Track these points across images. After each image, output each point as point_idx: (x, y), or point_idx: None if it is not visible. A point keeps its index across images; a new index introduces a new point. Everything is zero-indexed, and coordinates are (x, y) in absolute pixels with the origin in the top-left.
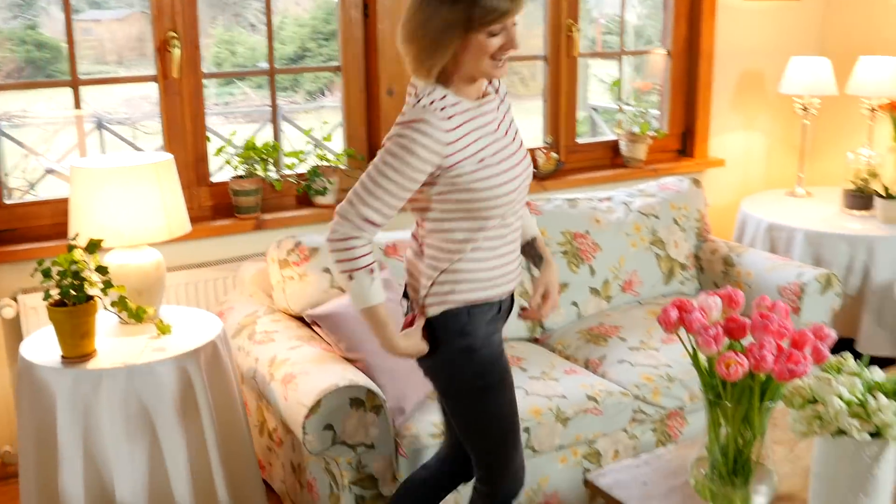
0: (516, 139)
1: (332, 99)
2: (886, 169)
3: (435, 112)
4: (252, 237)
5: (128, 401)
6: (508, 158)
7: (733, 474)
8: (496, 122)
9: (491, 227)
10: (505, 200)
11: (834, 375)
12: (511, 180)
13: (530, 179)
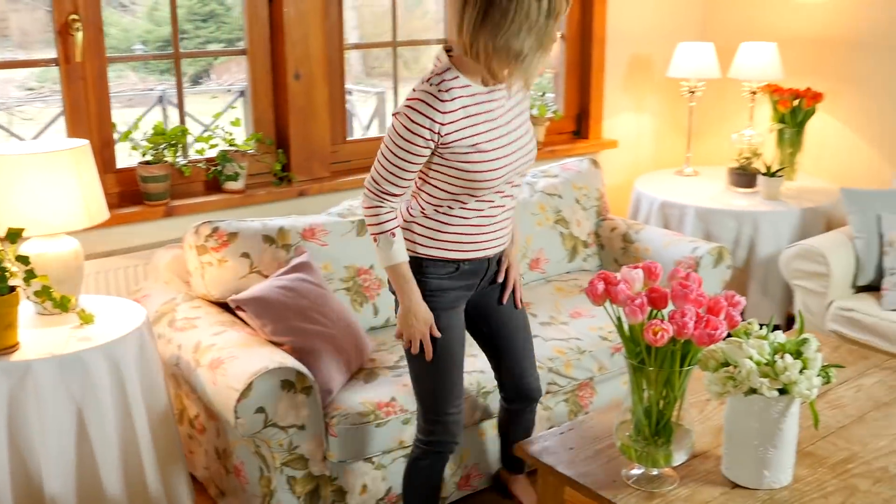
0: (520, 128)
1: (218, 83)
2: (767, 148)
3: (439, 93)
4: (162, 224)
5: (56, 392)
6: (504, 147)
7: (656, 435)
8: (501, 110)
9: (468, 201)
10: (487, 185)
11: (744, 339)
12: (499, 168)
13: (527, 165)
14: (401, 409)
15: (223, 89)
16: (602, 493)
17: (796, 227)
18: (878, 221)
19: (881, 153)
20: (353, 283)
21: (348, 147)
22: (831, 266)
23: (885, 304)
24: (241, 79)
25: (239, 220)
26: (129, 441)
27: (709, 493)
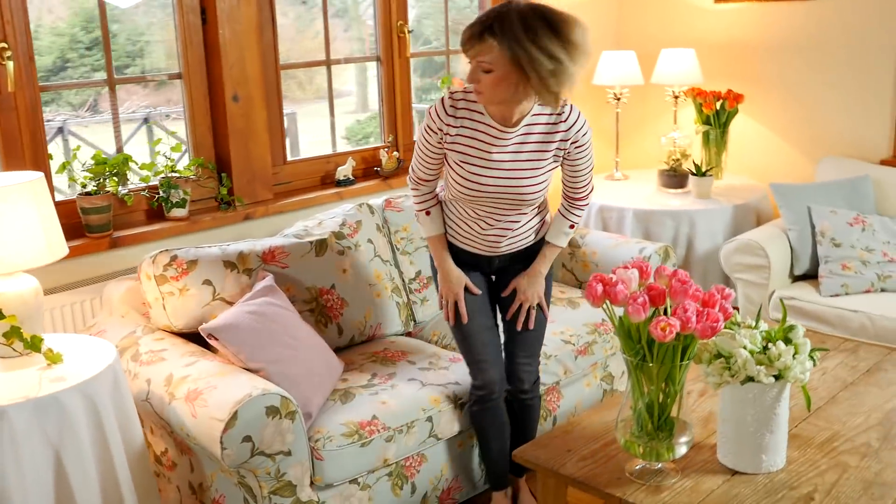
0: (512, 166)
1: (108, 114)
2: (694, 149)
3: (447, 99)
4: (107, 256)
5: (31, 437)
6: (484, 178)
7: (658, 430)
8: (497, 148)
9: (464, 201)
10: (466, 198)
11: (736, 330)
12: (476, 192)
13: (513, 199)
14: (383, 427)
15: (125, 117)
16: (610, 491)
17: (729, 224)
18: (808, 213)
19: (799, 149)
20: (316, 304)
21: (289, 168)
22: (770, 258)
23: (823, 291)
24: (142, 105)
25: (196, 247)
26: (110, 481)
27: (712, 481)
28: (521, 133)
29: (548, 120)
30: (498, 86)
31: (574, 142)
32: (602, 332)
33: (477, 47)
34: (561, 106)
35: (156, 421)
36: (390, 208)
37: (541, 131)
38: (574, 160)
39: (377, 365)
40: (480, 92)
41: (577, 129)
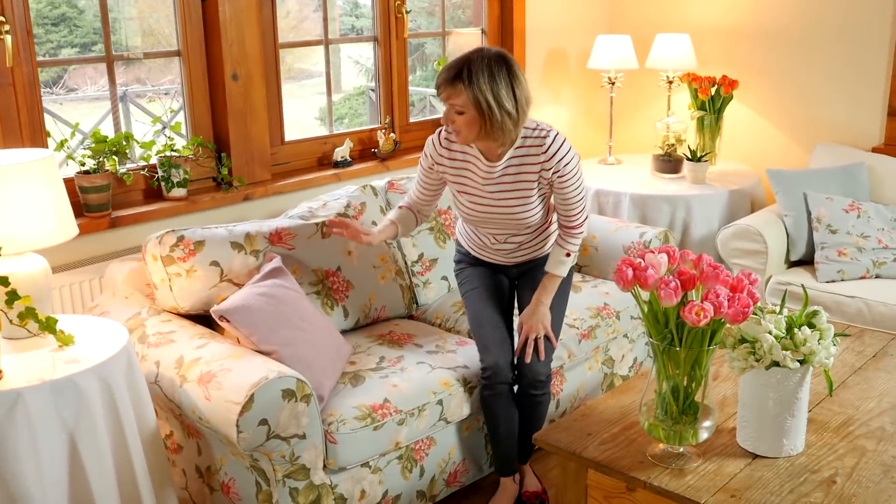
0: (501, 196)
1: (93, 89)
2: (689, 134)
3: (443, 132)
4: (106, 236)
5: (47, 420)
6: (480, 207)
7: (683, 414)
8: (485, 181)
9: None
10: (470, 222)
11: (760, 316)
12: (476, 218)
13: (508, 226)
14: (395, 410)
15: (99, 95)
16: (633, 475)
17: (725, 209)
18: (804, 199)
19: (793, 136)
20: (322, 286)
21: (287, 148)
22: (768, 243)
23: (820, 277)
24: (121, 82)
25: (203, 227)
26: (124, 465)
27: (734, 465)
28: (504, 166)
29: (527, 152)
30: (470, 126)
31: (556, 171)
32: (605, 316)
33: (448, 91)
34: (541, 137)
35: (163, 404)
36: (393, 190)
37: (523, 163)
38: (561, 189)
39: (384, 348)
40: (457, 132)
41: (559, 160)
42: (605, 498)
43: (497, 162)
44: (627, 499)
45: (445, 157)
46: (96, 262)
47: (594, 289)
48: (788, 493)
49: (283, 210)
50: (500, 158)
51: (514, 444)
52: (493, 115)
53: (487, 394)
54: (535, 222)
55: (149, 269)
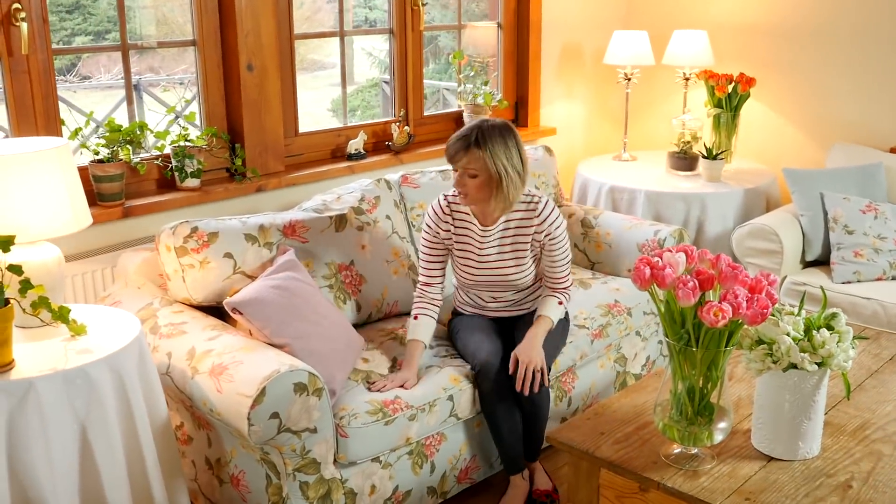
0: (496, 256)
1: (107, 77)
2: (705, 132)
3: (442, 201)
4: (119, 226)
5: (60, 410)
6: (475, 271)
7: (698, 415)
8: (481, 246)
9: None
10: (466, 284)
11: (778, 317)
12: (472, 281)
13: (505, 284)
14: (406, 406)
15: (112, 83)
16: (647, 475)
17: (740, 208)
18: (821, 199)
19: (809, 135)
20: (335, 280)
21: (301, 140)
22: (784, 243)
23: (835, 278)
24: (135, 70)
25: (216, 219)
26: (135, 456)
27: (749, 467)
28: (500, 230)
29: (522, 216)
30: (482, 189)
31: (547, 234)
32: (615, 313)
33: (465, 157)
34: (535, 203)
35: (174, 395)
36: (407, 184)
37: (516, 226)
38: (550, 251)
39: (396, 344)
40: (466, 195)
41: (550, 223)
42: (617, 498)
43: (492, 226)
44: (640, 499)
45: (450, 223)
46: (109, 252)
47: (604, 285)
48: (804, 496)
49: (296, 202)
50: (495, 223)
51: (517, 442)
52: (503, 177)
53: (486, 387)
54: (527, 283)
55: (162, 260)
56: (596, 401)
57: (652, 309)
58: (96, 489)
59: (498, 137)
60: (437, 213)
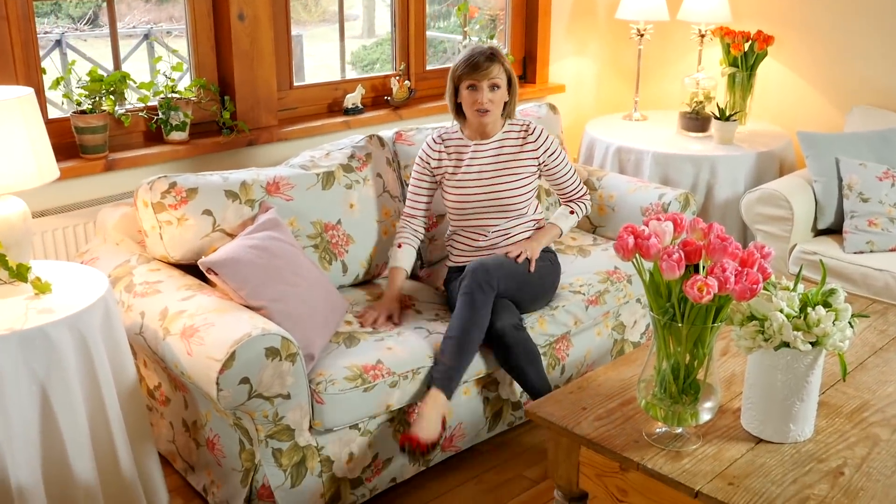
0: (492, 178)
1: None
2: (718, 92)
3: (434, 139)
4: (101, 179)
5: (16, 372)
6: (469, 189)
7: (682, 393)
8: (477, 161)
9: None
10: (459, 214)
11: (773, 292)
12: (465, 204)
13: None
14: (388, 372)
15: (125, 32)
16: (627, 455)
17: (751, 171)
18: (836, 165)
19: (827, 98)
20: (320, 240)
21: (295, 93)
22: (794, 210)
23: (847, 248)
24: (143, 20)
25: (197, 174)
26: (99, 420)
27: (735, 449)
28: (495, 146)
29: (517, 136)
30: (501, 100)
31: (545, 151)
32: (615, 280)
33: (491, 69)
34: (527, 126)
35: (149, 355)
36: (401, 141)
37: (512, 145)
38: (552, 167)
39: None
40: (489, 110)
41: (545, 140)
42: (597, 476)
43: (486, 140)
44: (620, 478)
45: (443, 152)
46: (91, 206)
47: (605, 252)
48: (791, 483)
49: (289, 157)
50: (492, 135)
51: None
52: (514, 89)
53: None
54: (521, 207)
55: (139, 216)
56: (591, 369)
57: None
58: (59, 451)
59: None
60: (429, 145)
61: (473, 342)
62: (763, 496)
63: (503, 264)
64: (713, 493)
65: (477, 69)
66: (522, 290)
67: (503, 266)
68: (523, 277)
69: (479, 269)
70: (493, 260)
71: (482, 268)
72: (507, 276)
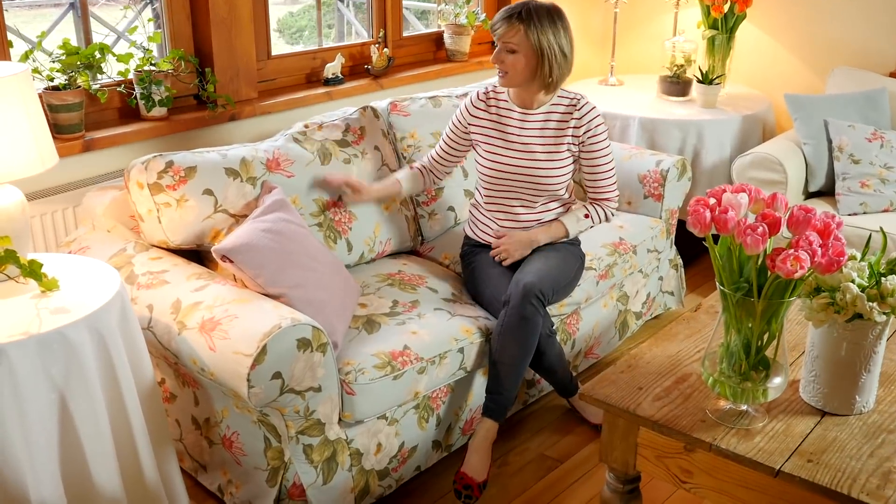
0: (532, 153)
1: None
2: (698, 55)
3: (480, 92)
4: (79, 160)
5: (33, 379)
6: (505, 158)
7: (753, 370)
8: (519, 130)
9: (482, 187)
10: (491, 184)
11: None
12: (498, 174)
13: (529, 184)
14: (416, 358)
15: (50, 1)
16: (696, 436)
17: (737, 135)
18: (825, 127)
19: (805, 60)
20: (323, 218)
21: (273, 63)
22: (788, 173)
23: (841, 210)
24: None
25: (192, 151)
26: (121, 426)
27: (803, 424)
28: (541, 118)
29: (565, 110)
30: (522, 69)
31: (587, 131)
32: (622, 252)
33: (503, 29)
34: (577, 99)
35: (155, 350)
36: (396, 112)
37: (558, 119)
38: (591, 154)
39: (395, 290)
40: (505, 73)
41: (591, 119)
42: (657, 458)
43: (533, 109)
44: (684, 459)
45: (482, 110)
46: (69, 191)
47: (607, 223)
48: (868, 456)
49: (271, 132)
50: (535, 105)
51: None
52: (546, 54)
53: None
54: (555, 189)
55: (133, 199)
56: (598, 342)
57: (656, 246)
58: (79, 463)
59: (545, 15)
60: (472, 101)
61: (525, 367)
62: (845, 473)
63: (549, 277)
64: (795, 471)
65: (493, 28)
66: (560, 292)
67: (550, 279)
68: (563, 280)
69: (528, 289)
70: (534, 271)
71: (530, 287)
72: (552, 286)
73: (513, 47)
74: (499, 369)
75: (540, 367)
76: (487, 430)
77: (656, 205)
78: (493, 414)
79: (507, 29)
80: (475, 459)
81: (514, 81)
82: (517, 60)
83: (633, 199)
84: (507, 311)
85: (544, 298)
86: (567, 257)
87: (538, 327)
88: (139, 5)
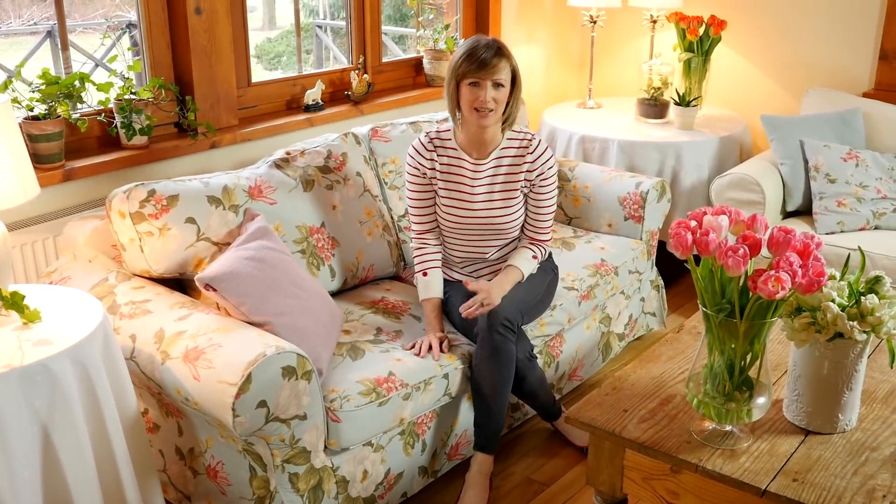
0: (489, 202)
1: (20, 22)
2: (675, 77)
3: (423, 138)
4: (59, 190)
5: (18, 411)
6: (462, 211)
7: (737, 390)
8: (475, 183)
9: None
10: (451, 230)
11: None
12: (456, 224)
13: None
14: (401, 384)
15: (27, 29)
16: (682, 457)
17: (714, 157)
18: (801, 147)
19: (779, 82)
20: (306, 245)
21: (254, 90)
22: (766, 193)
23: (819, 229)
24: (46, 16)
25: (174, 180)
26: (105, 458)
27: (787, 443)
28: (492, 165)
29: (517, 152)
30: (502, 101)
31: (540, 174)
32: (603, 273)
33: (498, 65)
34: (528, 139)
35: (138, 380)
36: (377, 138)
37: (510, 162)
38: (538, 194)
39: (379, 318)
40: (492, 110)
41: (544, 161)
42: (644, 480)
43: (485, 160)
44: (670, 480)
45: (435, 159)
46: (50, 220)
47: (588, 244)
48: (853, 474)
49: (253, 159)
50: (489, 156)
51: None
52: (518, 90)
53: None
54: (513, 232)
55: (115, 228)
56: (581, 365)
57: (637, 267)
58: (63, 495)
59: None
60: (418, 150)
61: (506, 395)
62: (830, 491)
63: (514, 301)
64: (781, 490)
65: (483, 66)
66: (533, 310)
67: (516, 302)
68: (532, 299)
69: (494, 318)
70: (506, 302)
71: (495, 316)
72: (519, 308)
73: (502, 81)
74: (481, 400)
75: (521, 392)
76: (480, 464)
77: (637, 226)
78: (483, 448)
79: (502, 64)
80: (471, 494)
81: (497, 116)
82: (503, 95)
83: (613, 221)
84: (479, 342)
85: (512, 324)
86: (534, 276)
87: (511, 354)
88: (116, 33)
